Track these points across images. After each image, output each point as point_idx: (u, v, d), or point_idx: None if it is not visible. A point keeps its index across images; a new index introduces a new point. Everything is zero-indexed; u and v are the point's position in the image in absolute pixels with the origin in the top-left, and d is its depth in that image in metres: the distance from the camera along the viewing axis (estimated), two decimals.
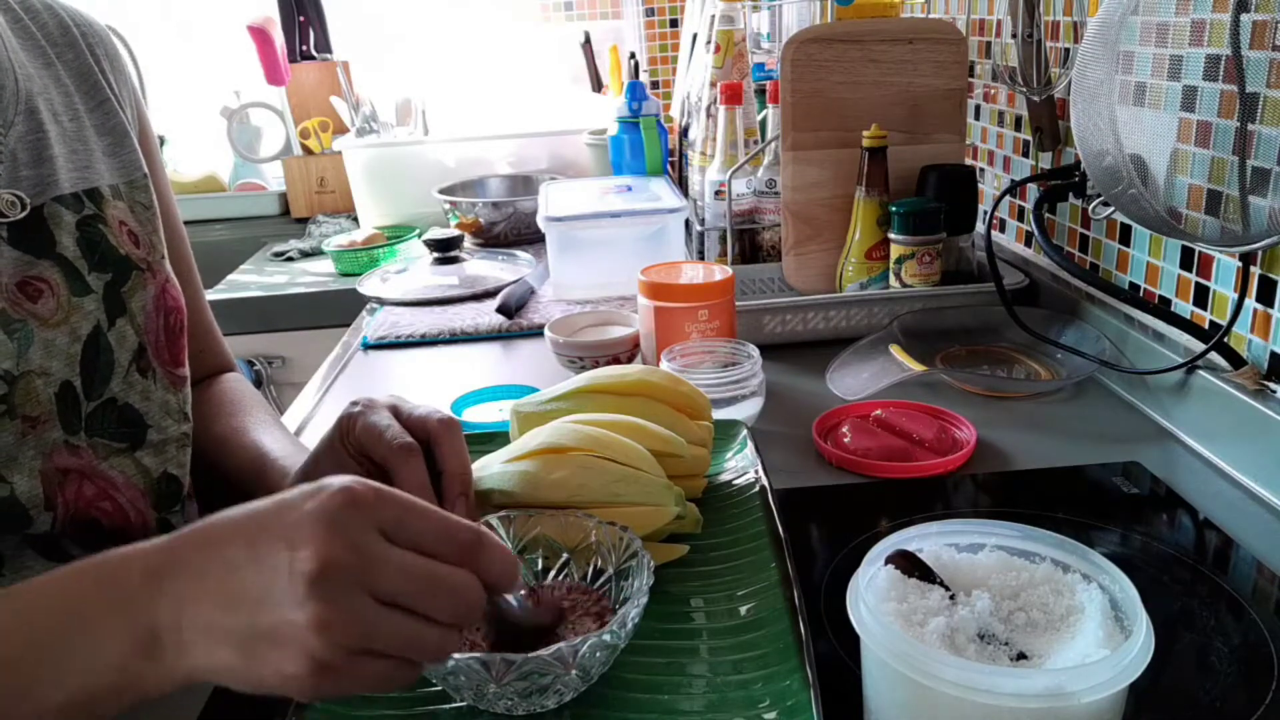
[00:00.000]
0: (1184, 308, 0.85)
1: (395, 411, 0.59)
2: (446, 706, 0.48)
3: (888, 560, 0.46)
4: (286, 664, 0.38)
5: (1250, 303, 0.76)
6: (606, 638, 0.45)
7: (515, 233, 1.67)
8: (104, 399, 0.62)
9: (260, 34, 1.94)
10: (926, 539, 0.47)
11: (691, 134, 1.43)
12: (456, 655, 0.44)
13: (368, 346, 1.21)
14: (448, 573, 0.41)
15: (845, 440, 0.81)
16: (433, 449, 0.56)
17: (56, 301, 0.59)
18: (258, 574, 0.39)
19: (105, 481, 0.61)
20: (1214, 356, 0.77)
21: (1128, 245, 0.94)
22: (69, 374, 0.59)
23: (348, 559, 0.38)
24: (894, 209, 1.04)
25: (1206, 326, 0.82)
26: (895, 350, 0.95)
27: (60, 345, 0.59)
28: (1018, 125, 1.16)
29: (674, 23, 2.35)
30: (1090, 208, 0.86)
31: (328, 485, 0.40)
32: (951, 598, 0.44)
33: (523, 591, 0.52)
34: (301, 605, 0.38)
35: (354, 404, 0.60)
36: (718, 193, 1.25)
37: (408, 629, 0.40)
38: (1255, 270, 0.75)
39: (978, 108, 1.27)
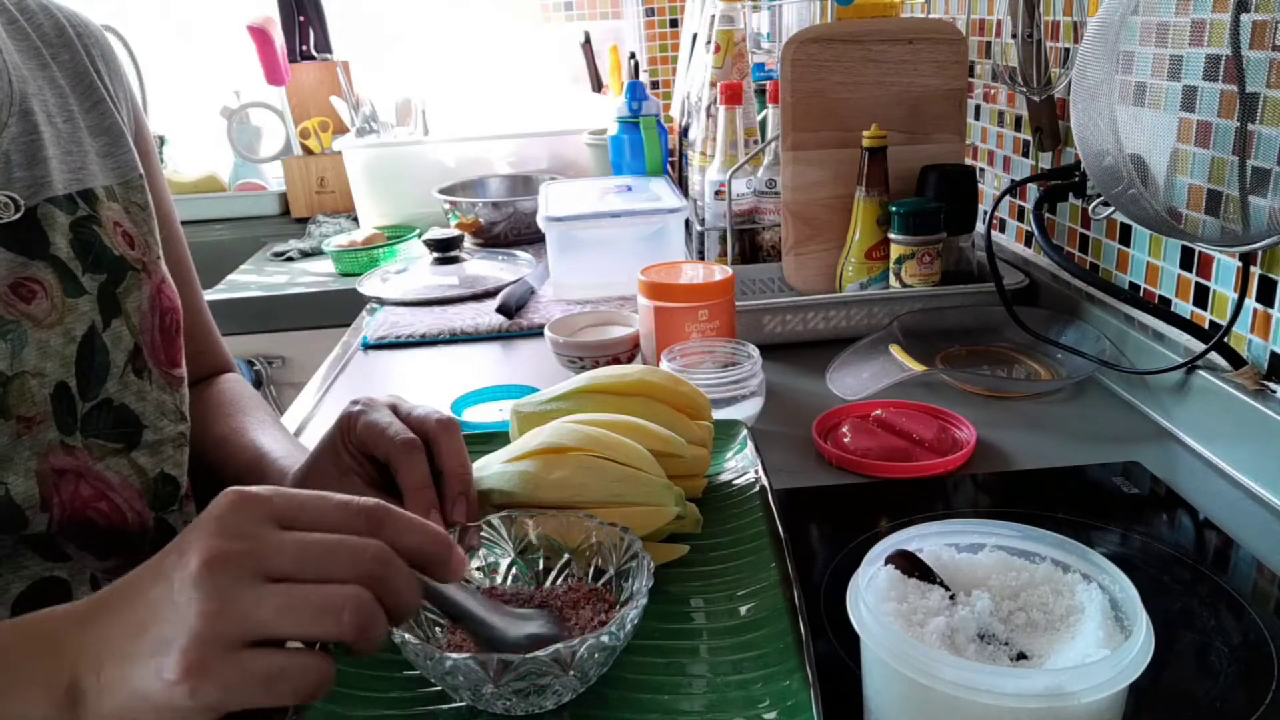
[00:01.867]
0: (1184, 308, 0.85)
1: (395, 410, 0.59)
2: (446, 706, 0.48)
3: (888, 560, 0.46)
4: (165, 668, 0.36)
5: (1250, 303, 0.76)
6: (605, 639, 0.45)
7: (515, 233, 1.67)
8: (99, 400, 0.62)
9: (260, 34, 1.94)
10: (926, 539, 0.47)
11: (691, 134, 1.43)
12: (454, 656, 0.44)
13: (368, 346, 1.21)
14: (349, 540, 0.40)
15: (845, 440, 0.81)
16: (432, 449, 0.56)
17: (50, 303, 0.59)
18: (157, 590, 0.38)
19: (101, 482, 0.61)
20: (1214, 356, 0.77)
21: (1128, 245, 0.94)
22: (64, 375, 0.59)
23: (234, 547, 0.38)
24: (894, 209, 1.04)
25: (1206, 326, 0.82)
26: (895, 350, 0.95)
27: (55, 346, 0.59)
28: (1018, 125, 1.16)
29: (674, 23, 2.35)
30: (1090, 208, 0.86)
31: (222, 494, 0.40)
32: (951, 598, 0.44)
33: (485, 589, 0.52)
34: (189, 602, 0.37)
35: (354, 403, 0.60)
36: (718, 193, 1.25)
37: (298, 595, 0.38)
38: (1255, 270, 0.75)
39: (978, 108, 1.27)
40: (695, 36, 1.57)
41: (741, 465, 0.69)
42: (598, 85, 2.29)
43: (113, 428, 0.62)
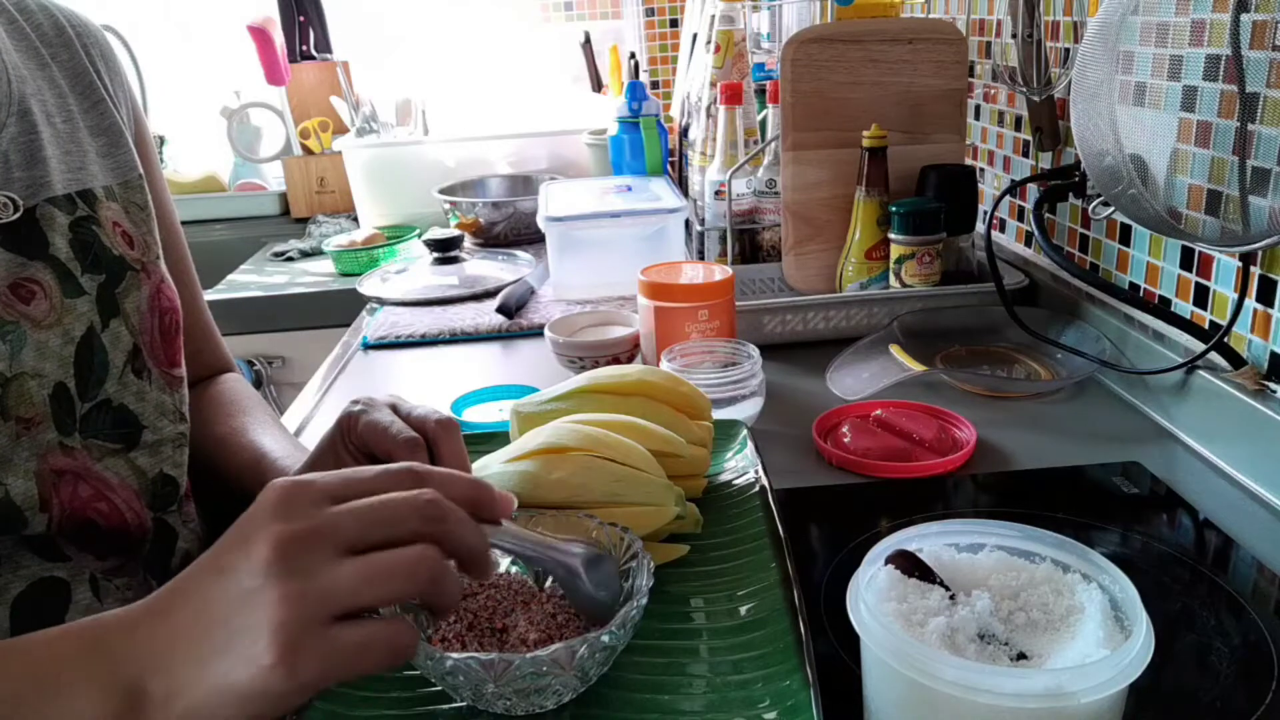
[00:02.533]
0: (1184, 308, 0.85)
1: (395, 410, 0.59)
2: (446, 706, 0.48)
3: (888, 560, 0.46)
4: (259, 655, 0.37)
5: (1250, 303, 0.76)
6: (606, 639, 0.45)
7: (515, 233, 1.67)
8: (98, 400, 0.61)
9: (260, 34, 1.94)
10: (926, 539, 0.47)
11: (691, 134, 1.43)
12: (454, 655, 0.44)
13: (368, 346, 1.21)
14: (403, 494, 0.41)
15: (845, 440, 0.81)
16: (432, 449, 0.56)
17: (49, 303, 0.59)
18: (223, 586, 0.39)
19: (100, 482, 0.61)
20: (1214, 356, 0.77)
21: (1128, 245, 0.94)
22: (63, 375, 0.59)
23: (300, 527, 0.39)
24: (894, 209, 1.04)
25: (1206, 326, 0.82)
26: (895, 350, 0.95)
27: (53, 347, 0.59)
28: (1018, 125, 1.16)
29: (674, 23, 2.35)
30: (1090, 208, 0.86)
31: (266, 489, 0.41)
32: (951, 598, 0.44)
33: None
34: (264, 589, 0.37)
35: (354, 403, 0.60)
36: (718, 193, 1.25)
37: (376, 562, 0.39)
38: (1255, 270, 0.75)
39: (978, 108, 1.27)
40: (695, 36, 1.57)
41: (741, 465, 0.69)
42: (598, 85, 2.29)
43: (112, 428, 0.62)
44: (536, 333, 1.19)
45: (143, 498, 0.64)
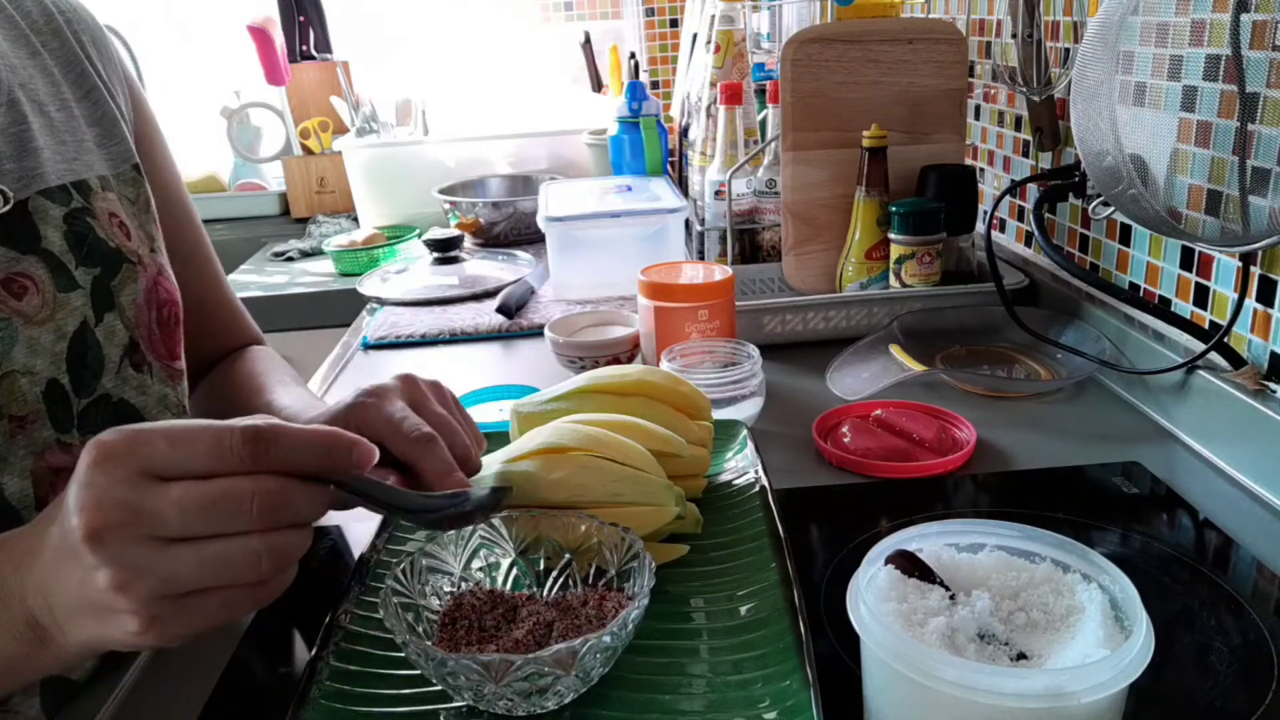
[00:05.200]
0: (1184, 308, 0.85)
1: (409, 398, 0.57)
2: (446, 706, 0.48)
3: (888, 560, 0.46)
4: (126, 624, 0.39)
5: (1250, 303, 0.76)
6: (606, 639, 0.45)
7: (515, 233, 1.67)
8: (96, 396, 0.61)
9: (260, 34, 1.94)
10: (926, 539, 0.47)
11: (691, 134, 1.43)
12: (454, 656, 0.44)
13: (368, 346, 1.21)
14: (229, 486, 0.39)
15: (845, 440, 0.81)
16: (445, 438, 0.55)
17: (41, 299, 0.58)
18: (59, 554, 0.40)
19: None
20: (1214, 356, 0.77)
21: (1128, 245, 0.94)
22: (55, 372, 0.59)
23: (113, 517, 0.38)
24: (894, 209, 1.04)
25: (1206, 326, 0.82)
26: (895, 350, 0.95)
27: (45, 343, 0.58)
28: (1018, 125, 1.16)
29: (674, 23, 2.35)
30: (1090, 208, 0.86)
31: (86, 448, 0.40)
32: (951, 598, 0.44)
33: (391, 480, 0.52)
34: (95, 572, 0.39)
35: (367, 395, 0.56)
36: (718, 193, 1.25)
37: (209, 554, 0.39)
38: (1255, 270, 0.75)
39: (978, 108, 1.27)
40: (695, 36, 1.57)
41: (741, 465, 0.69)
42: (598, 85, 2.29)
43: (112, 422, 0.61)
44: (536, 333, 1.19)
45: None
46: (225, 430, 0.40)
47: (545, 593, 0.55)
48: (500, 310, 1.25)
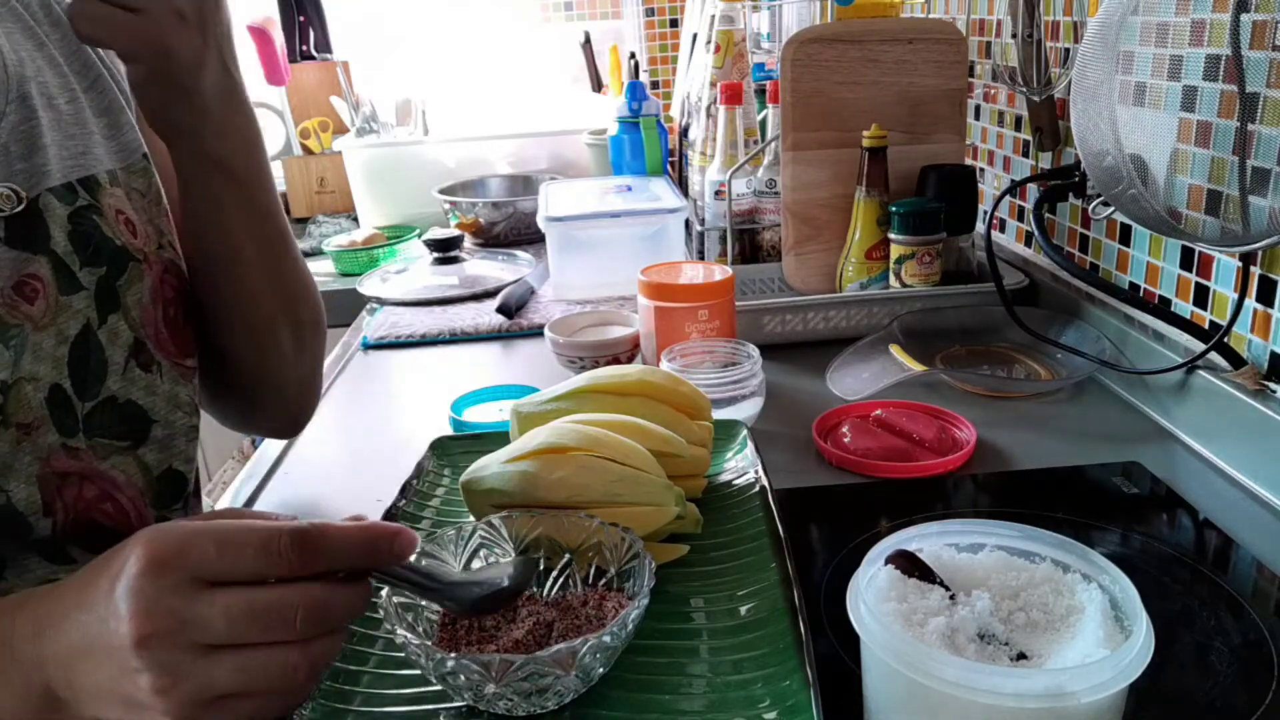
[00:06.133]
0: (1184, 308, 0.85)
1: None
2: (446, 706, 0.48)
3: (888, 560, 0.46)
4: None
5: (1250, 303, 0.76)
6: (607, 639, 0.45)
7: (515, 233, 1.67)
8: (101, 398, 0.60)
9: (260, 34, 1.94)
10: (926, 539, 0.47)
11: (691, 134, 1.43)
12: (454, 656, 0.44)
13: (368, 346, 1.21)
14: (275, 598, 0.40)
15: (845, 440, 0.81)
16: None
17: (46, 302, 0.57)
18: (97, 649, 0.40)
19: (106, 482, 0.60)
20: (1214, 356, 0.77)
21: (1128, 245, 0.94)
22: (56, 377, 0.57)
23: (162, 625, 0.39)
24: (894, 209, 1.04)
25: (1206, 326, 0.82)
26: (895, 350, 0.95)
27: (47, 349, 0.57)
28: (1018, 125, 1.16)
29: (674, 23, 2.35)
30: (1090, 208, 0.86)
31: (128, 554, 0.40)
32: (951, 598, 0.44)
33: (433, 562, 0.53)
34: (137, 675, 0.39)
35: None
36: (718, 193, 1.25)
37: (252, 664, 0.40)
38: (1255, 270, 0.75)
39: (978, 108, 1.27)
40: (695, 36, 1.57)
41: (741, 465, 0.69)
42: (598, 85, 2.29)
43: (118, 425, 0.61)
44: (536, 333, 1.19)
45: (146, 495, 0.63)
46: (274, 534, 0.41)
47: (545, 593, 0.55)
48: (500, 310, 1.25)
